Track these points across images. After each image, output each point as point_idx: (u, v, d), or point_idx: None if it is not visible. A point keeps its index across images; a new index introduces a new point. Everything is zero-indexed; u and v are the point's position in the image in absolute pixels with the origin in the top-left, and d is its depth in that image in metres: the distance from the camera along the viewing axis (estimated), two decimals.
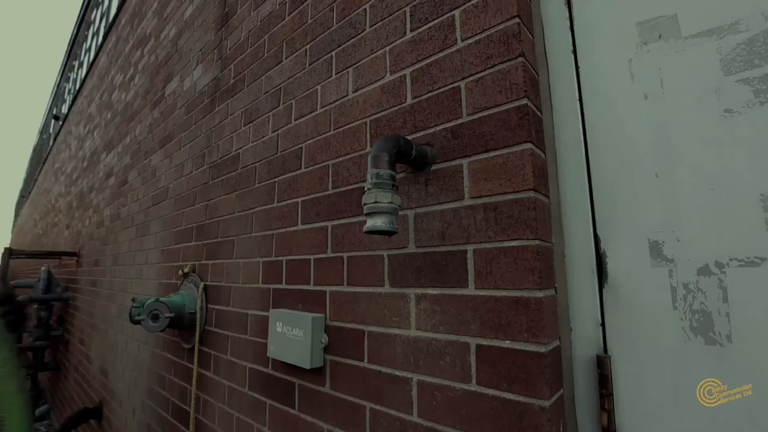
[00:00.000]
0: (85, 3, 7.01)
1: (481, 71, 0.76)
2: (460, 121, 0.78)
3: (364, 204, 0.67)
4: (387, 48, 0.96)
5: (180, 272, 1.75)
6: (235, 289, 1.41)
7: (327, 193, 1.06)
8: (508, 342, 0.66)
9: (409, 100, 0.88)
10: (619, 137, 0.71)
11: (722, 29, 0.62)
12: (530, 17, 0.78)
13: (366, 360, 0.88)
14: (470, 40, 0.79)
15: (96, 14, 6.18)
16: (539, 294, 0.64)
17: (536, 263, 0.65)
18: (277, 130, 1.31)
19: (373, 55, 0.99)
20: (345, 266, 0.98)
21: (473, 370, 0.69)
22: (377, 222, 0.65)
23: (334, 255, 1.01)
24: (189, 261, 1.76)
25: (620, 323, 0.67)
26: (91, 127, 4.35)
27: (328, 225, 1.04)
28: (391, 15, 0.96)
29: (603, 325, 0.69)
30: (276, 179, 1.27)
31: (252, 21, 1.56)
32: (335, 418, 0.94)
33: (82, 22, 7.24)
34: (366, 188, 0.68)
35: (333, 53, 1.12)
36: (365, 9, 1.04)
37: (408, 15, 0.92)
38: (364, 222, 0.67)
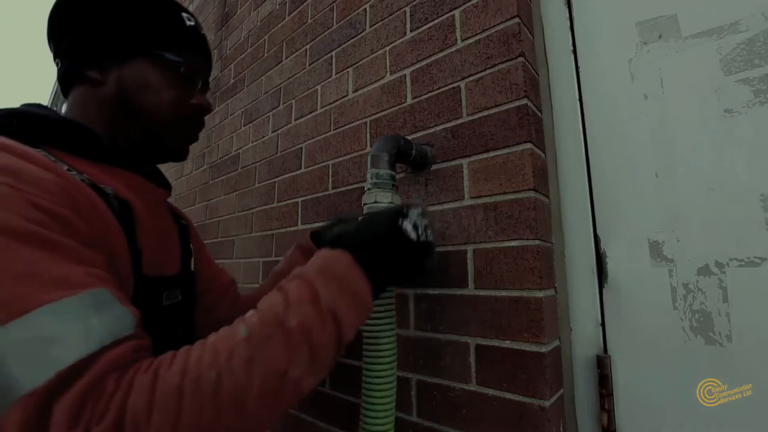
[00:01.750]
0: None
1: (481, 71, 0.76)
2: (460, 121, 0.78)
3: (364, 204, 0.66)
4: (387, 48, 0.96)
5: None
6: None
7: (327, 193, 1.06)
8: (508, 342, 0.66)
9: (409, 100, 0.88)
10: (619, 137, 0.71)
11: (722, 29, 0.62)
12: (530, 17, 0.78)
13: None
14: (470, 40, 0.79)
15: None
16: (539, 294, 0.64)
17: (536, 263, 0.65)
18: (277, 130, 1.31)
19: (373, 55, 0.99)
20: None
21: (473, 370, 0.69)
22: None
23: None
24: None
25: (620, 323, 0.67)
26: None
27: None
28: (391, 15, 0.96)
29: (603, 325, 0.69)
30: (276, 179, 1.27)
31: (252, 21, 1.56)
32: (335, 418, 0.94)
33: None
34: (366, 188, 0.67)
35: (333, 53, 1.12)
36: (365, 9, 1.04)
37: (408, 15, 0.92)
38: None
